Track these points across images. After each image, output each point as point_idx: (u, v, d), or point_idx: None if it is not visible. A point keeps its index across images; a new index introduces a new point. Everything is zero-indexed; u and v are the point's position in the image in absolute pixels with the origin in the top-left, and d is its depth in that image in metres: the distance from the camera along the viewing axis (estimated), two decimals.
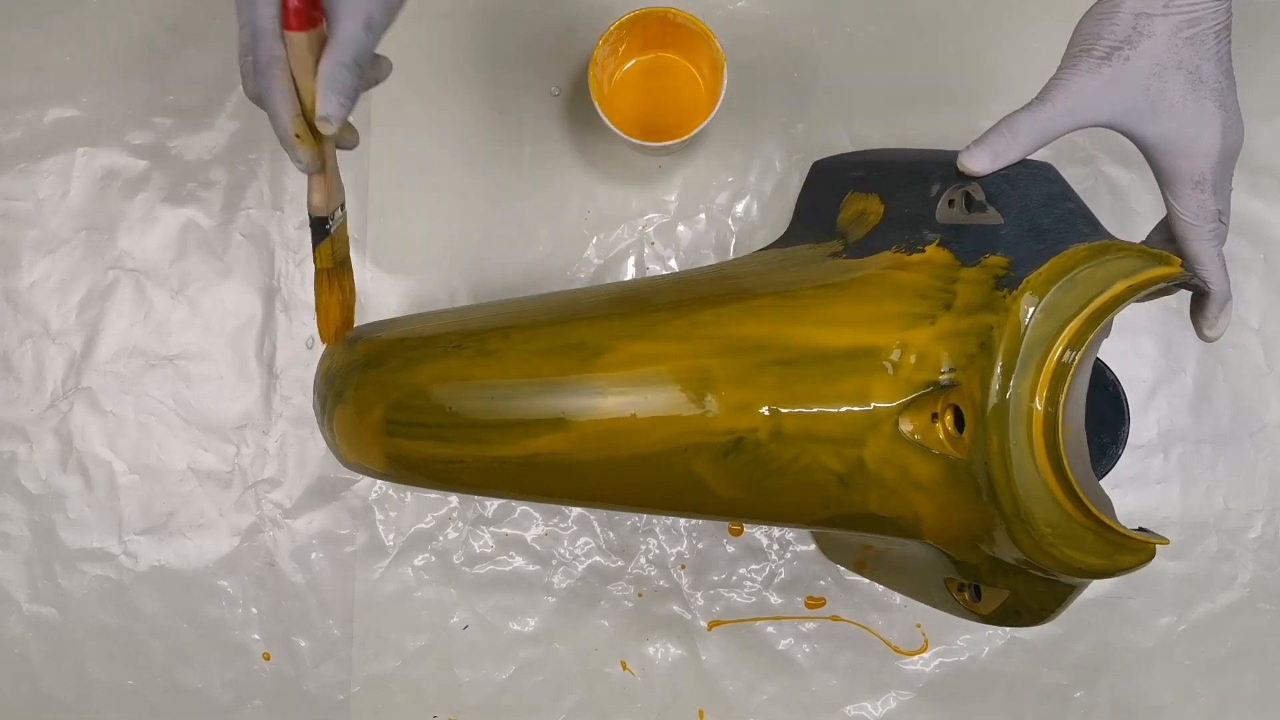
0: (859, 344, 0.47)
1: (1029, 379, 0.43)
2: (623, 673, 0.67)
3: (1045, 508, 0.43)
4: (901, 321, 0.47)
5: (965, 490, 0.45)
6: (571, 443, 0.49)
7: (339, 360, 0.55)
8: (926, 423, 0.45)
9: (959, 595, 0.49)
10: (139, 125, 0.68)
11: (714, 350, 0.49)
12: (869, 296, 0.49)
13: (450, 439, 0.51)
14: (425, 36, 0.67)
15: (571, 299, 0.56)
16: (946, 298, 0.47)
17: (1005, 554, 0.45)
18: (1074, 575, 0.44)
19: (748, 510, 0.51)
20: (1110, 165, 0.67)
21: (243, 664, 0.67)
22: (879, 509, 0.48)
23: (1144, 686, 0.67)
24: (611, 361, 0.50)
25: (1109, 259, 0.43)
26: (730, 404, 0.48)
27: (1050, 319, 0.43)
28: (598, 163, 0.68)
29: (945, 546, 0.48)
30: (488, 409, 0.51)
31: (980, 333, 0.44)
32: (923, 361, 0.46)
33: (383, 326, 0.57)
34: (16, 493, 0.67)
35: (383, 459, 0.53)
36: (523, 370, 0.51)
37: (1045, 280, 0.43)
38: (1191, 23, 0.43)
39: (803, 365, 0.48)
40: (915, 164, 0.55)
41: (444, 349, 0.53)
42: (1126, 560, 0.44)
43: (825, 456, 0.48)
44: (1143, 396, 0.67)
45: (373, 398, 0.53)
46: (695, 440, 0.48)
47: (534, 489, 0.53)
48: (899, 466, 0.47)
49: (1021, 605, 0.47)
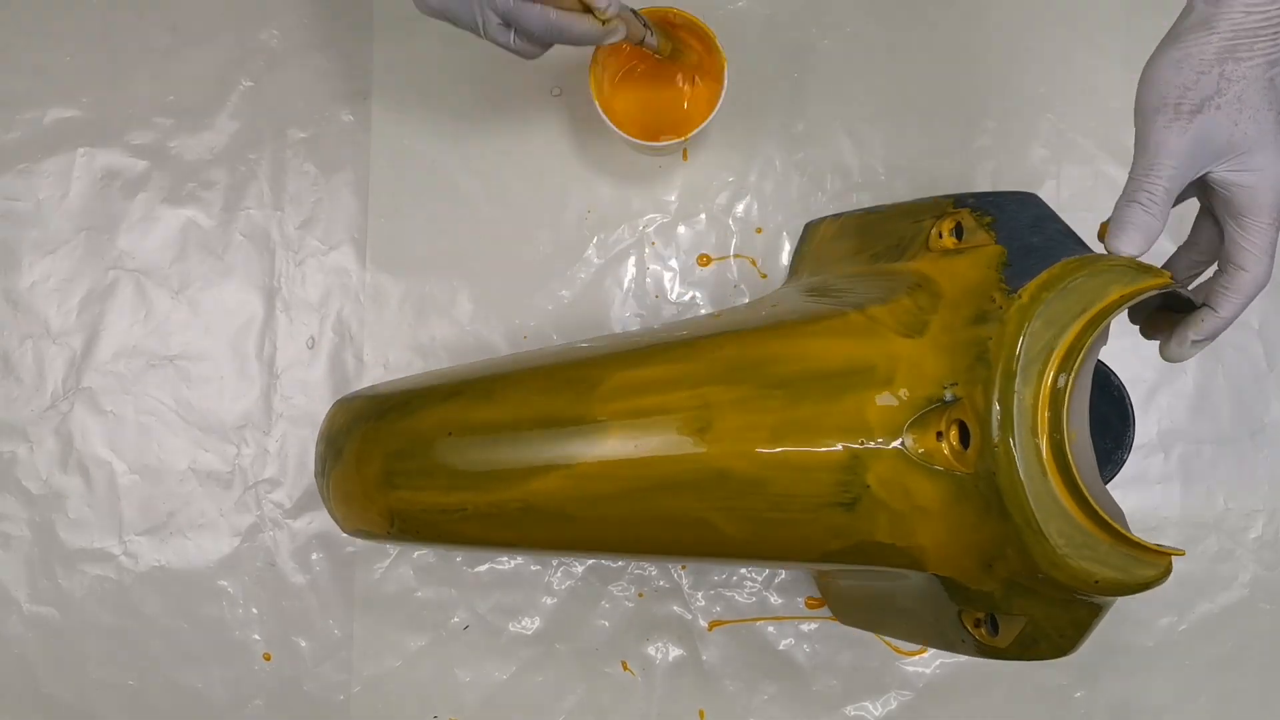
0: (855, 356, 0.47)
1: (1031, 388, 0.43)
2: (623, 673, 0.67)
3: (1056, 517, 0.43)
4: (894, 330, 0.47)
5: (975, 507, 0.45)
6: (573, 482, 0.49)
7: (340, 420, 0.55)
8: (932, 440, 0.45)
9: (975, 630, 0.49)
10: (139, 125, 0.68)
11: (711, 374, 0.49)
12: (860, 321, 0.49)
13: (451, 486, 0.51)
14: (425, 36, 0.67)
15: (569, 348, 0.56)
16: (934, 301, 0.47)
17: (1020, 574, 0.45)
18: (1091, 590, 0.44)
19: (757, 548, 0.51)
20: (1110, 165, 0.67)
21: (243, 664, 0.67)
22: (887, 537, 0.47)
23: (1144, 686, 0.67)
24: (608, 391, 0.49)
25: (1101, 268, 0.44)
26: (731, 432, 0.48)
27: (1048, 328, 0.43)
28: (598, 163, 0.68)
29: (957, 574, 0.47)
30: (488, 452, 0.50)
31: (977, 344, 0.44)
32: (920, 375, 0.46)
33: (382, 385, 0.57)
34: (17, 493, 0.67)
35: (384, 514, 0.53)
36: (521, 410, 0.50)
37: (1041, 288, 0.43)
38: (1273, 62, 0.42)
39: (802, 384, 0.48)
40: (904, 208, 0.56)
41: (443, 395, 0.53)
42: (1144, 573, 0.43)
43: (830, 483, 0.47)
44: (1143, 397, 0.67)
45: (372, 449, 0.53)
46: (697, 475, 0.48)
47: (537, 538, 0.52)
48: (905, 489, 0.46)
49: (1040, 633, 0.46)
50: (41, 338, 0.67)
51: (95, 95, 0.68)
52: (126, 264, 0.68)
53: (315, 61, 0.68)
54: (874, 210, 0.60)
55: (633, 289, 0.67)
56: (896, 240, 0.54)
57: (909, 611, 0.54)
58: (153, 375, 0.67)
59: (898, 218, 0.55)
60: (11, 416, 0.67)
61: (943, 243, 0.50)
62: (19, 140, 0.68)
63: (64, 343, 0.67)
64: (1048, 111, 0.67)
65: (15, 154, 0.68)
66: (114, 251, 0.68)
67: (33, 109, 0.68)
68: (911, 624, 0.56)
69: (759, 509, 0.48)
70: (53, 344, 0.67)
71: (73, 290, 0.68)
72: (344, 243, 0.68)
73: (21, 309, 0.68)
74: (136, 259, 0.68)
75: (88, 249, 0.68)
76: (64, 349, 0.67)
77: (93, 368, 0.67)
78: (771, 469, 0.47)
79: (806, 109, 0.67)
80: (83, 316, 0.68)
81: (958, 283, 0.48)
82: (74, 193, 0.68)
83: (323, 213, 0.68)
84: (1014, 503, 0.43)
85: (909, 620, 0.56)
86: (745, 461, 0.48)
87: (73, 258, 0.68)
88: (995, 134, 0.67)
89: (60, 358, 0.67)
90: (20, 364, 0.67)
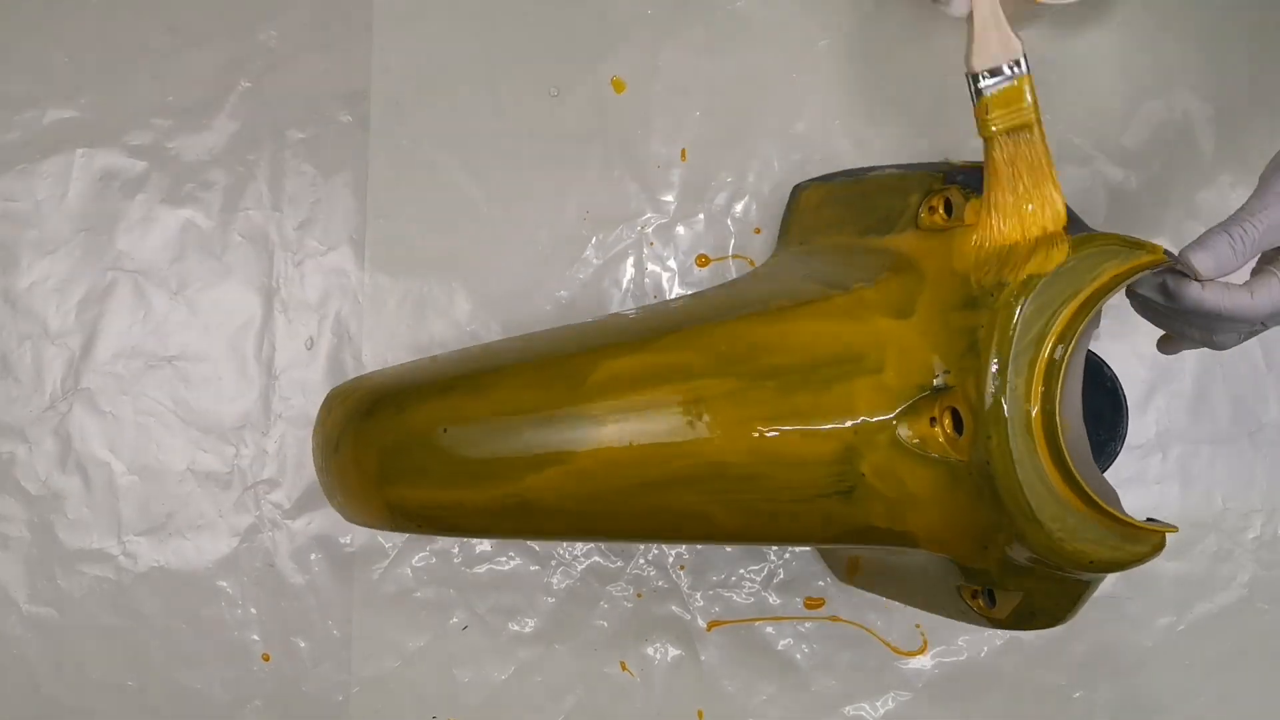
0: (845, 342, 0.47)
1: (1023, 375, 0.42)
2: (622, 673, 0.67)
3: (1050, 503, 0.43)
4: (882, 314, 0.47)
5: (968, 493, 0.45)
6: (569, 477, 0.49)
7: (337, 414, 0.55)
8: (926, 427, 0.45)
9: (973, 602, 0.49)
10: (138, 126, 0.68)
11: (704, 366, 0.49)
12: (849, 303, 0.49)
13: (447, 482, 0.51)
14: (424, 36, 0.67)
15: (559, 334, 0.55)
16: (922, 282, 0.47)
17: (1015, 554, 0.45)
18: (1086, 569, 0.44)
19: (754, 535, 0.51)
20: (1109, 165, 0.67)
21: (242, 664, 0.67)
22: (883, 522, 0.48)
23: (1144, 686, 0.67)
24: (599, 385, 0.49)
25: (1093, 249, 0.43)
26: (724, 425, 0.48)
27: (1040, 313, 0.43)
28: (597, 163, 0.68)
29: (953, 554, 0.48)
30: (482, 445, 0.50)
31: (968, 331, 0.44)
32: (911, 361, 0.46)
33: (376, 375, 0.57)
34: (16, 493, 0.67)
35: (383, 509, 0.53)
36: (513, 406, 0.50)
37: (1032, 274, 0.43)
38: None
39: (793, 375, 0.48)
40: (892, 180, 0.55)
41: (438, 390, 0.52)
42: (1137, 550, 0.43)
43: (825, 474, 0.47)
44: (1141, 396, 0.67)
45: (368, 446, 0.53)
46: (693, 469, 0.48)
47: (536, 529, 0.52)
48: (899, 476, 0.46)
49: (1036, 607, 0.47)
50: (40, 338, 0.67)
51: (94, 96, 0.68)
52: (125, 264, 0.68)
53: (314, 62, 0.68)
54: (862, 178, 0.59)
55: (631, 289, 0.67)
56: (885, 214, 0.53)
57: (913, 580, 0.54)
58: (151, 376, 0.67)
59: (886, 191, 0.55)
60: (10, 417, 0.67)
61: (933, 219, 0.50)
62: (17, 141, 0.68)
63: (62, 343, 0.67)
64: (1046, 112, 0.67)
65: (14, 154, 0.68)
66: (112, 252, 0.68)
67: (31, 109, 0.68)
68: (916, 592, 0.56)
69: (754, 501, 0.48)
70: (51, 344, 0.67)
71: (71, 291, 0.68)
72: (343, 243, 0.68)
73: (20, 309, 0.68)
74: (135, 259, 0.68)
75: (86, 249, 0.68)
76: (62, 349, 0.67)
77: (91, 368, 0.67)
78: (766, 461, 0.47)
79: (806, 109, 0.67)
80: (81, 317, 0.68)
81: (947, 264, 0.47)
82: (72, 193, 0.68)
83: (321, 213, 0.68)
84: (1008, 490, 0.43)
85: (914, 588, 0.56)
86: (740, 455, 0.47)
87: (71, 258, 0.68)
88: None
89: (59, 358, 0.67)
90: (19, 364, 0.67)
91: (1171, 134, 0.66)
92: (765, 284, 0.56)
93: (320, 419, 0.57)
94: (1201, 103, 0.66)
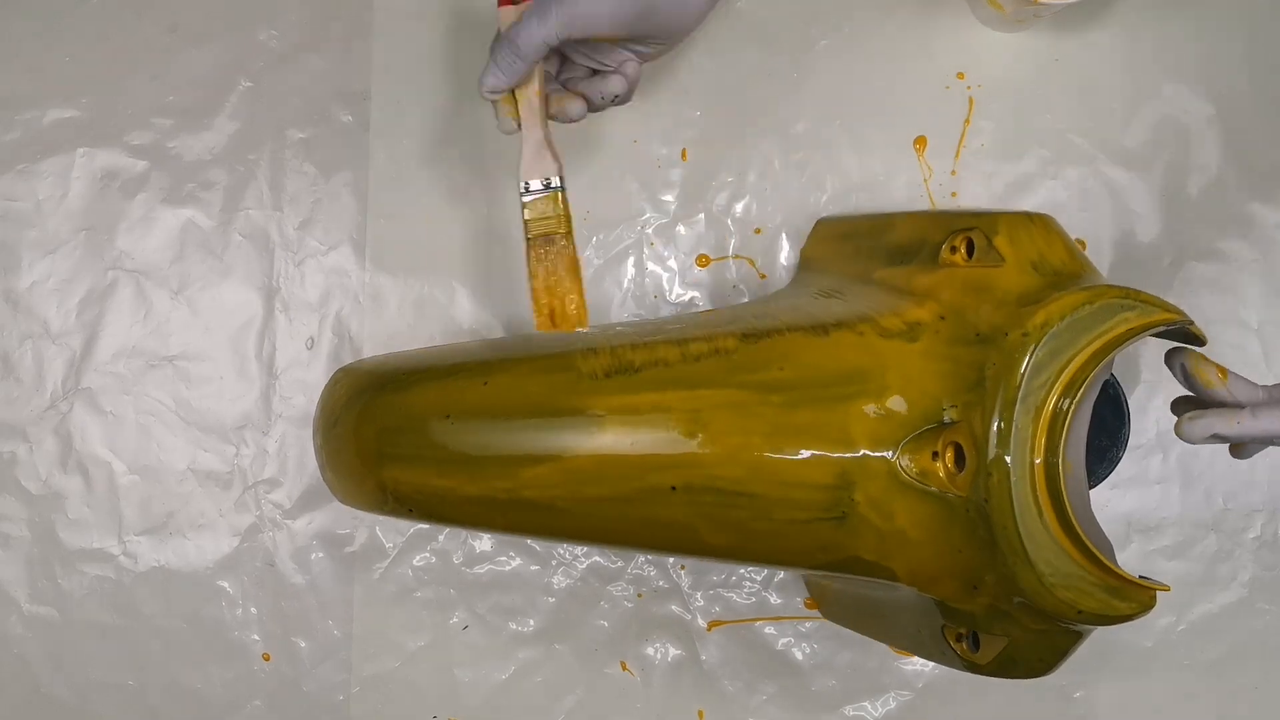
0: (854, 366, 0.47)
1: (1030, 418, 0.42)
2: (622, 673, 0.67)
3: (1046, 548, 0.43)
4: (895, 344, 0.47)
5: (963, 530, 0.45)
6: (563, 476, 0.49)
7: (340, 391, 0.55)
8: (927, 460, 0.45)
9: (956, 645, 0.49)
10: (139, 125, 0.68)
11: (711, 376, 0.49)
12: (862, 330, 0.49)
13: (443, 468, 0.51)
14: (424, 36, 0.67)
15: (568, 336, 0.56)
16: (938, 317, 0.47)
17: (1002, 598, 0.45)
18: (1073, 619, 0.44)
19: (741, 555, 0.51)
20: (1110, 166, 0.67)
21: (242, 664, 0.67)
22: (871, 554, 0.47)
23: (1144, 686, 0.67)
24: (603, 384, 0.49)
25: (1109, 300, 0.43)
26: (724, 437, 0.47)
27: (1052, 358, 0.43)
28: (596, 163, 0.68)
29: (939, 594, 0.47)
30: (481, 433, 0.50)
31: (978, 368, 0.44)
32: (919, 393, 0.46)
33: (380, 358, 0.57)
34: (16, 493, 0.67)
35: (376, 489, 0.53)
36: (516, 393, 0.50)
37: (1048, 316, 0.43)
38: None
39: (798, 391, 0.47)
40: (915, 219, 0.56)
41: (440, 374, 0.52)
42: (1125, 607, 0.44)
43: (819, 497, 0.47)
44: (1141, 397, 0.67)
45: (367, 424, 0.53)
46: (688, 479, 0.48)
47: (527, 525, 0.52)
48: (893, 508, 0.46)
49: (1019, 655, 0.47)
50: (41, 338, 0.67)
51: (94, 95, 0.68)
52: (126, 264, 0.68)
53: (314, 62, 0.68)
54: (886, 216, 0.60)
55: (632, 289, 0.67)
56: (906, 250, 0.54)
57: (895, 619, 0.54)
58: (152, 375, 0.68)
59: (909, 228, 0.55)
60: (11, 417, 0.67)
61: (954, 258, 0.50)
62: (18, 140, 0.68)
63: (63, 343, 0.67)
64: (1046, 112, 0.67)
65: (14, 154, 0.68)
66: (113, 252, 0.68)
67: (32, 109, 0.68)
68: (897, 631, 0.56)
69: (745, 519, 0.48)
70: (52, 344, 0.68)
71: (72, 290, 0.68)
72: (343, 243, 0.68)
73: (21, 309, 0.68)
74: (136, 259, 0.68)
75: (87, 249, 0.68)
76: (63, 349, 0.68)
77: (92, 368, 0.67)
78: (762, 478, 0.47)
79: (806, 109, 0.67)
80: (82, 317, 0.68)
81: (964, 302, 0.47)
82: (73, 193, 0.68)
83: (322, 213, 0.68)
84: (1003, 530, 0.43)
85: (895, 627, 0.56)
86: (737, 468, 0.47)
87: (72, 258, 0.68)
88: (994, 134, 0.67)
89: (60, 358, 0.67)
90: (20, 364, 0.67)
91: (1171, 134, 0.66)
92: (780, 303, 0.56)
93: (325, 393, 0.57)
94: (1201, 103, 0.66)
